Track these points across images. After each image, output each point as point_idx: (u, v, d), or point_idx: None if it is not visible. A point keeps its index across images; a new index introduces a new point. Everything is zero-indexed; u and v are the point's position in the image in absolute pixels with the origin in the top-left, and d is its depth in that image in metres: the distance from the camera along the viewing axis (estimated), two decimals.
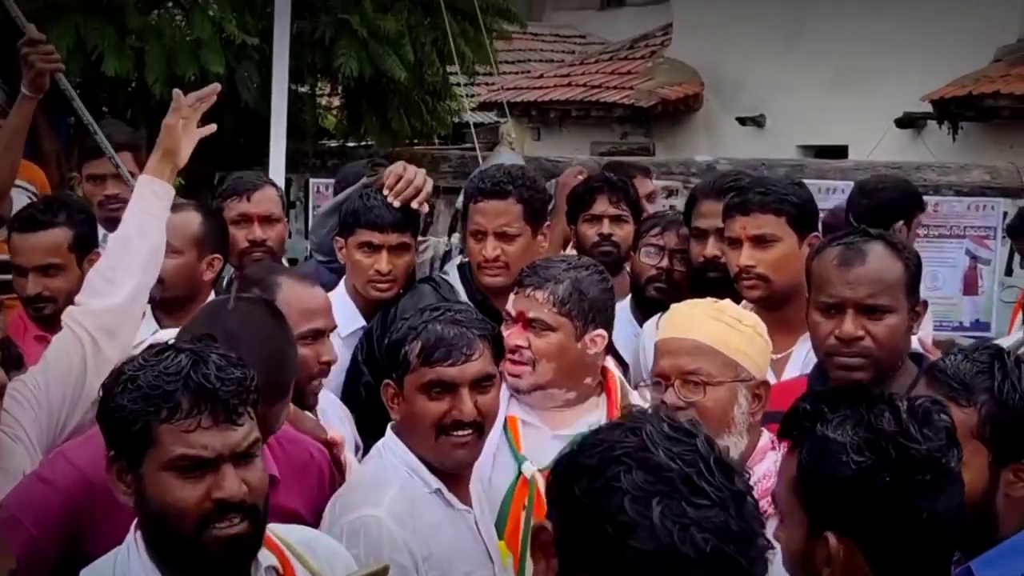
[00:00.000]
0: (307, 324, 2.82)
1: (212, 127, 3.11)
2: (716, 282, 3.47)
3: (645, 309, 3.92)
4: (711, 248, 3.64)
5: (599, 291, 2.93)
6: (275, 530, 2.13)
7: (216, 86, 3.16)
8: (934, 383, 2.19)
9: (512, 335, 2.87)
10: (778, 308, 3.26)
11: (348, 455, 2.88)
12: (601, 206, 4.30)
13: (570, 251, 4.38)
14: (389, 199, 3.68)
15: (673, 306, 2.70)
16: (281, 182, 5.36)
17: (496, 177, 3.51)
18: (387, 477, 2.52)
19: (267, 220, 4.10)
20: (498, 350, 2.61)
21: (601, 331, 2.90)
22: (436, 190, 8.61)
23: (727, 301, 2.68)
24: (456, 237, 4.47)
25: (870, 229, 2.81)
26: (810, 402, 1.88)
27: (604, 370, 2.95)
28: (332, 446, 2.79)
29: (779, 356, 3.20)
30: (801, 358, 3.20)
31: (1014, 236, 6.23)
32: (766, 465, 2.50)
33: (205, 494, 1.93)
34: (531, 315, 2.86)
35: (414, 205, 3.68)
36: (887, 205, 4.60)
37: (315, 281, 3.02)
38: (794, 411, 1.90)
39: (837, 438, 1.79)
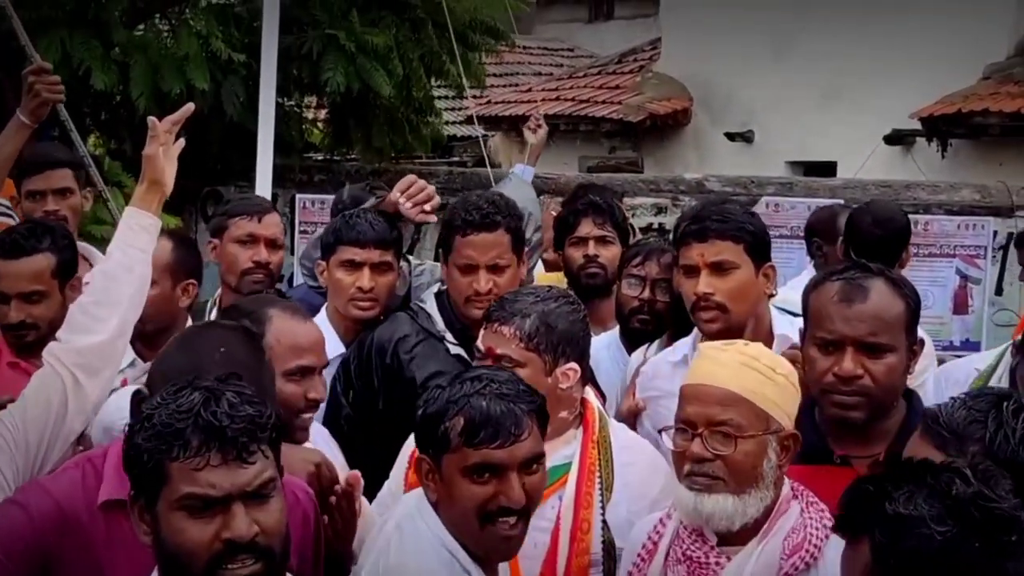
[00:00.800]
0: (295, 360, 2.74)
1: (181, 142, 3.03)
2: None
3: (630, 339, 3.87)
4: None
5: (569, 323, 2.83)
6: None
7: (191, 106, 3.09)
8: (926, 432, 2.13)
9: None
10: (735, 338, 3.14)
11: (363, 501, 2.79)
12: (586, 228, 4.25)
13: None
14: (402, 202, 3.64)
15: (703, 347, 2.60)
16: (268, 197, 5.30)
17: (484, 208, 3.41)
18: (431, 566, 2.35)
19: (273, 244, 4.08)
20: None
21: (573, 365, 2.81)
22: None
23: (759, 346, 2.58)
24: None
25: (871, 264, 2.74)
26: (870, 485, 1.81)
27: (584, 401, 2.88)
28: (351, 488, 2.68)
29: None
30: None
31: (1021, 247, 6.26)
32: (792, 517, 2.44)
33: (215, 534, 1.89)
34: (499, 351, 2.78)
35: (427, 208, 3.67)
36: (902, 233, 4.62)
37: (307, 316, 2.93)
38: (853, 499, 1.83)
39: (912, 513, 1.71)
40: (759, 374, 2.44)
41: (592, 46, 16.56)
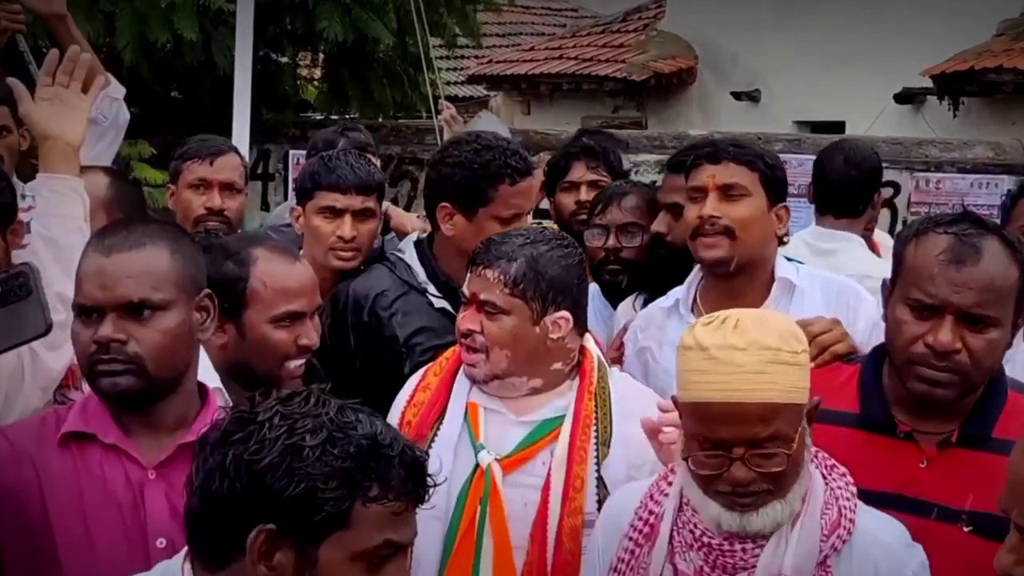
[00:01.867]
0: (284, 306, 2.55)
1: (100, 80, 2.86)
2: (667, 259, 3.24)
3: (608, 292, 3.63)
4: (658, 224, 3.36)
5: (562, 268, 2.60)
6: None
7: (76, 49, 2.83)
8: None
9: (464, 319, 2.59)
10: (731, 278, 2.93)
11: None
12: (578, 172, 3.99)
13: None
14: (443, 114, 3.41)
15: (706, 344, 2.06)
16: (245, 151, 5.05)
17: (520, 153, 3.15)
18: None
19: (228, 188, 3.81)
20: None
21: (564, 313, 2.59)
22: (419, 163, 8.37)
23: (771, 324, 2.10)
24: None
25: (985, 219, 2.33)
26: None
27: (582, 350, 2.66)
28: None
29: None
30: None
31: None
32: (819, 489, 2.14)
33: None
34: (483, 296, 2.56)
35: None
36: (875, 175, 4.32)
37: (297, 255, 2.71)
38: None
39: None
40: (788, 366, 2.06)
41: (595, 5, 16.34)
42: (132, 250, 2.12)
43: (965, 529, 2.22)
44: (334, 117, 10.04)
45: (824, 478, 2.15)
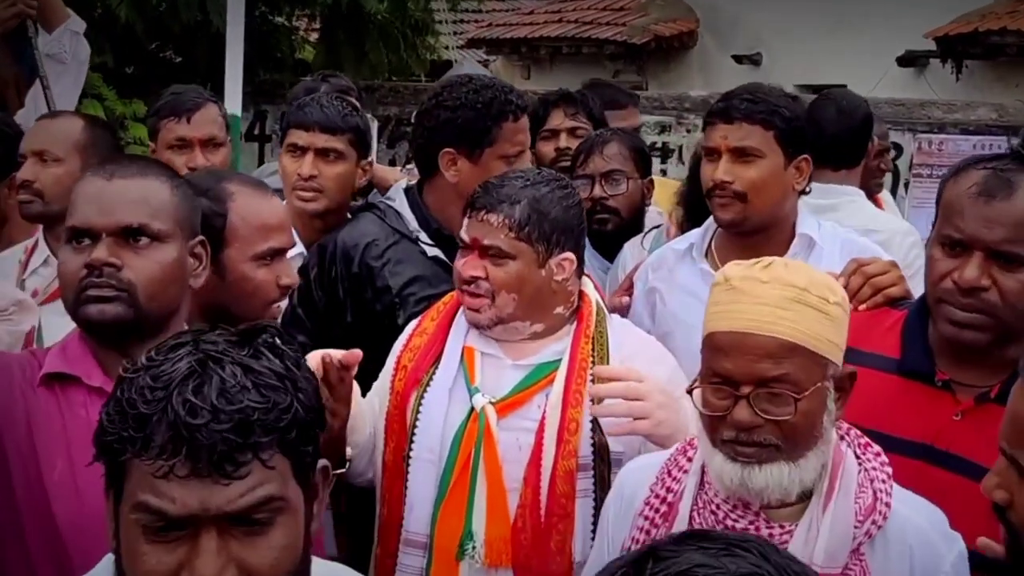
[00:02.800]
0: (264, 243, 2.43)
1: None
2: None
3: (598, 243, 3.57)
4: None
5: (563, 209, 2.55)
6: None
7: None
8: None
9: (467, 265, 2.53)
10: (749, 235, 2.90)
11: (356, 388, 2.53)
12: (557, 119, 3.95)
13: None
14: None
15: (732, 274, 2.00)
16: (238, 110, 4.94)
17: (515, 89, 3.10)
18: None
19: (209, 144, 3.71)
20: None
21: (568, 254, 2.55)
22: None
23: (803, 268, 2.06)
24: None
25: None
26: None
27: (580, 294, 2.63)
28: (348, 363, 2.40)
29: None
30: None
31: None
32: (852, 470, 2.00)
33: (175, 571, 1.35)
34: (486, 242, 2.50)
35: None
36: (868, 124, 4.26)
37: (270, 190, 2.59)
38: None
39: None
40: (815, 311, 1.93)
41: None
42: (135, 177, 2.06)
43: None
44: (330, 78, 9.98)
45: (857, 458, 2.01)
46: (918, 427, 2.18)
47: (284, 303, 2.57)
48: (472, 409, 2.50)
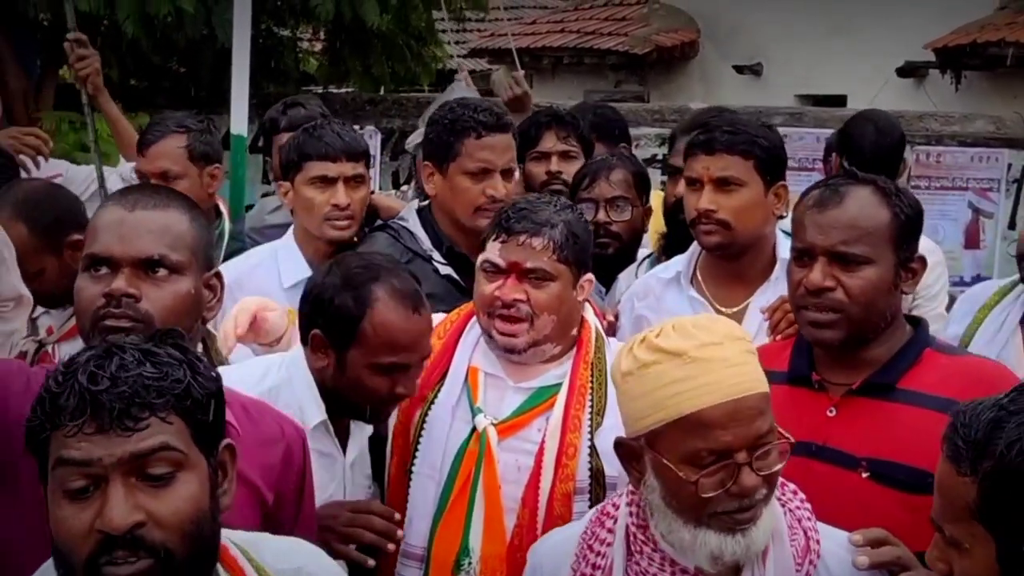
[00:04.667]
0: (388, 357, 2.47)
1: None
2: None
3: (597, 267, 3.64)
4: (683, 187, 3.40)
5: (585, 231, 2.70)
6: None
7: None
8: (943, 440, 1.75)
9: (507, 289, 2.59)
10: (735, 259, 3.05)
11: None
12: (549, 142, 3.99)
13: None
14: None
15: (683, 349, 1.89)
16: (244, 125, 5.00)
17: (495, 110, 3.19)
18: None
19: (163, 178, 3.77)
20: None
21: (589, 275, 2.69)
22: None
23: (717, 319, 2.09)
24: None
25: (865, 174, 2.48)
26: (978, 415, 1.65)
27: (581, 319, 2.71)
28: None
29: (734, 310, 3.02)
30: (758, 312, 2.97)
31: None
32: (778, 514, 1.97)
33: (91, 525, 1.55)
34: (529, 264, 2.58)
35: None
36: (903, 142, 4.47)
37: (418, 301, 2.54)
38: (956, 431, 1.68)
39: None
40: (755, 354, 1.97)
41: None
42: (156, 209, 2.09)
43: (864, 475, 2.33)
44: (334, 90, 10.05)
45: (779, 499, 1.98)
46: (802, 427, 2.30)
47: (395, 406, 2.63)
48: (474, 429, 2.57)
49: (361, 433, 2.63)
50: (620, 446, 1.96)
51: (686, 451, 1.85)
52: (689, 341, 1.88)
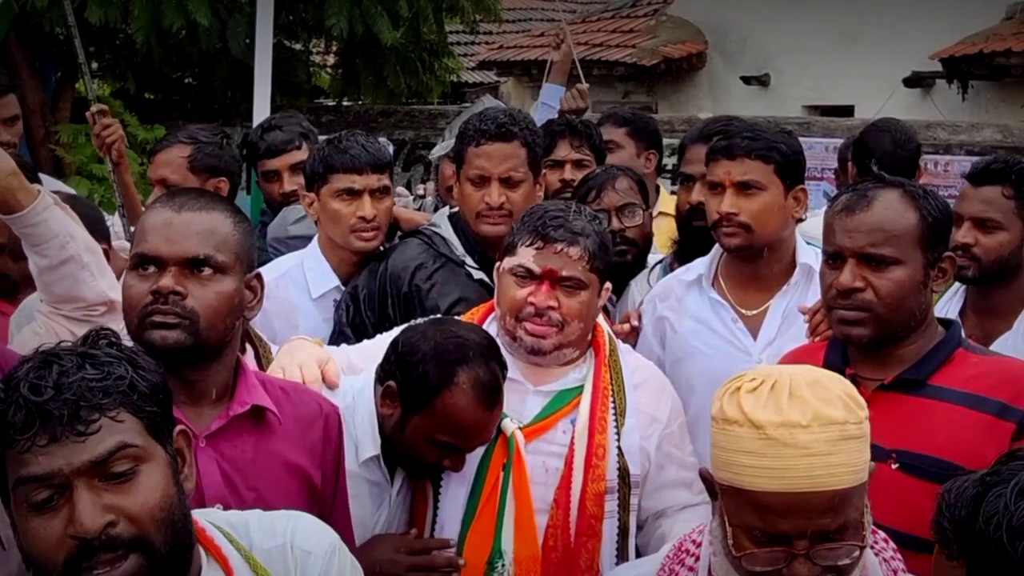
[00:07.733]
0: (445, 436, 2.53)
1: None
2: (702, 230, 3.28)
3: (613, 274, 3.70)
4: (696, 194, 3.46)
5: (610, 242, 2.82)
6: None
7: None
8: (933, 525, 1.72)
9: (540, 296, 2.65)
10: (755, 260, 3.11)
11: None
12: (563, 151, 4.03)
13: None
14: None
15: (762, 423, 1.74)
16: None
17: (499, 119, 3.23)
18: None
19: (162, 185, 3.79)
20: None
21: (608, 283, 2.77)
22: (432, 148, 8.40)
23: (822, 384, 1.82)
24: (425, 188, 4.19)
25: (888, 176, 2.58)
26: (962, 493, 1.65)
27: (594, 325, 2.78)
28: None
29: (755, 312, 3.08)
30: (778, 314, 3.05)
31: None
32: (873, 565, 1.90)
33: (63, 532, 1.57)
34: (565, 273, 2.65)
35: None
36: (919, 150, 4.54)
37: (495, 397, 2.55)
38: (942, 512, 1.69)
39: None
40: (856, 440, 1.76)
41: None
42: (202, 211, 2.16)
43: (893, 467, 2.40)
44: (347, 103, 10.13)
45: (872, 547, 1.87)
46: None
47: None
48: (499, 432, 2.62)
49: None
50: (704, 479, 1.88)
51: (743, 521, 1.77)
52: (774, 415, 1.74)
